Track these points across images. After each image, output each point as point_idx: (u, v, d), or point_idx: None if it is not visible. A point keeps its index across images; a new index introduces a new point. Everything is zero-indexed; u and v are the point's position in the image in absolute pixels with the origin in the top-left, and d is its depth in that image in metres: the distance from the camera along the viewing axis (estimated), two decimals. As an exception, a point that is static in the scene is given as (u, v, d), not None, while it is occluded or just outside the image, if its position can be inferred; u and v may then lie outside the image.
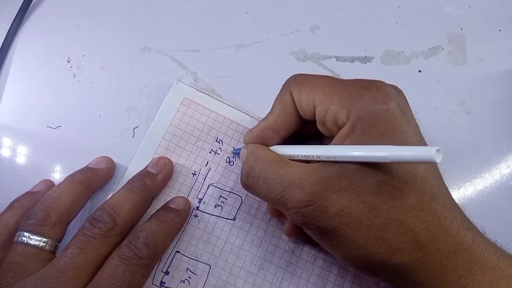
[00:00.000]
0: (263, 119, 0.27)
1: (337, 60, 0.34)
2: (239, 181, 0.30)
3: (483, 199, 0.32)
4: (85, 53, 0.33)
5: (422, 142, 0.22)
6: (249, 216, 0.30)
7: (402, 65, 0.35)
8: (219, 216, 0.30)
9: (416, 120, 0.23)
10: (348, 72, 0.34)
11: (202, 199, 0.30)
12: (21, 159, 0.31)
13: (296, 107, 0.25)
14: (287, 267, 0.29)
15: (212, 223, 0.30)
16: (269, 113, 0.26)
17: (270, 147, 0.26)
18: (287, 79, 0.26)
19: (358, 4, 0.36)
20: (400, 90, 0.23)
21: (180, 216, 0.28)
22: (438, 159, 0.17)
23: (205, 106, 0.31)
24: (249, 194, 0.30)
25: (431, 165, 0.21)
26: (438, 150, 0.17)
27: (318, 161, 0.23)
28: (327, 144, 0.26)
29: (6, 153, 0.31)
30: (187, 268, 0.29)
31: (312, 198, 0.20)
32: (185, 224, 0.29)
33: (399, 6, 0.36)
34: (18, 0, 0.33)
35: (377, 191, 0.20)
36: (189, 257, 0.29)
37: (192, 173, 0.30)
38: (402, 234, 0.20)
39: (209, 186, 0.30)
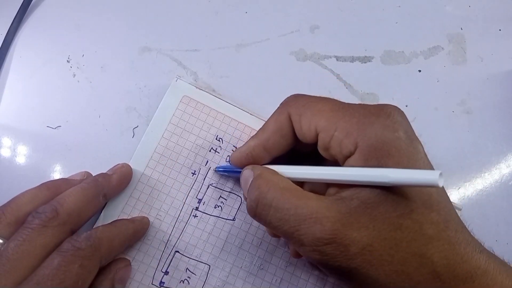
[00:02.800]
0: (253, 137, 0.25)
1: (337, 60, 0.34)
2: (239, 181, 0.30)
3: (483, 199, 0.32)
4: (85, 53, 0.33)
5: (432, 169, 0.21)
6: (248, 216, 0.30)
7: (402, 65, 0.35)
8: (218, 217, 0.30)
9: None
10: (348, 72, 0.34)
11: (201, 199, 0.30)
12: (21, 159, 0.31)
13: (292, 130, 0.24)
14: (286, 267, 0.29)
15: (211, 223, 0.30)
16: (260, 130, 0.25)
17: (270, 167, 0.25)
18: (286, 98, 0.25)
19: (358, 4, 0.36)
20: (402, 112, 0.22)
21: (133, 224, 0.28)
22: (441, 183, 0.17)
23: (205, 103, 0.31)
24: (249, 194, 0.30)
25: (443, 192, 0.21)
26: (441, 174, 0.17)
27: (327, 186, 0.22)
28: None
29: (6, 153, 0.31)
30: (187, 268, 0.29)
31: (332, 236, 0.19)
32: (178, 231, 0.29)
33: (399, 6, 0.36)
34: (18, 0, 0.33)
35: (397, 226, 0.19)
36: (188, 257, 0.29)
37: (192, 172, 0.30)
38: (423, 266, 0.19)
39: (208, 186, 0.30)
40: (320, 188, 0.24)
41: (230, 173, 0.29)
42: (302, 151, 0.26)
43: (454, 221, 0.20)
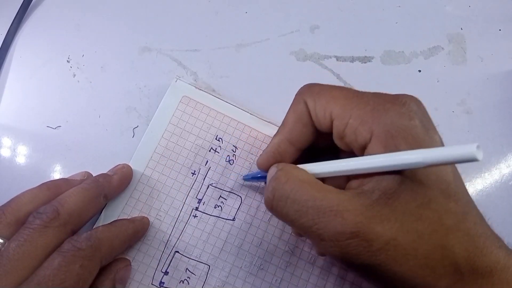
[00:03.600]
0: (275, 135, 0.25)
1: (337, 60, 0.34)
2: (239, 180, 0.30)
3: (483, 199, 0.32)
4: (85, 53, 0.33)
5: None
6: (248, 216, 0.30)
7: (402, 65, 0.35)
8: (218, 217, 0.30)
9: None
10: (348, 72, 0.34)
11: (201, 199, 0.30)
12: (21, 159, 0.31)
13: (311, 117, 0.24)
14: (286, 267, 0.29)
15: (211, 223, 0.30)
16: (281, 126, 0.25)
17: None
18: (300, 88, 0.25)
19: (358, 4, 0.36)
20: (420, 102, 0.22)
21: (133, 224, 0.28)
22: (479, 156, 0.16)
23: (204, 103, 0.31)
24: (249, 194, 0.30)
25: (461, 183, 0.20)
26: (478, 147, 0.16)
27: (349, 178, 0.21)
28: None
29: (6, 153, 0.31)
30: (186, 268, 0.29)
31: (354, 230, 0.19)
32: (178, 231, 0.29)
33: (399, 6, 0.36)
34: (18, 0, 0.33)
35: (418, 217, 0.19)
36: (188, 257, 0.29)
37: (192, 173, 0.30)
38: (445, 259, 0.19)
39: (208, 186, 0.30)
40: (342, 184, 0.23)
41: (259, 179, 0.28)
42: (322, 146, 0.25)
43: (473, 213, 0.20)
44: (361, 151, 0.21)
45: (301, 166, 0.23)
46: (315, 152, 0.26)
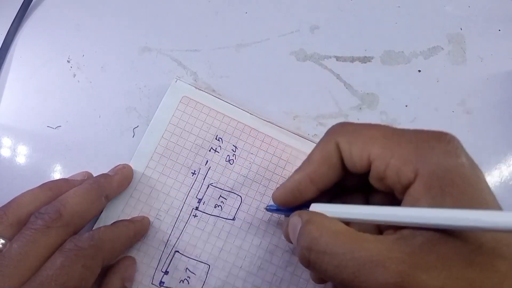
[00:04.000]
0: (297, 170, 0.24)
1: (337, 60, 0.34)
2: (239, 180, 0.30)
3: (483, 199, 0.32)
4: (85, 53, 0.33)
5: (496, 200, 0.19)
6: (248, 216, 0.30)
7: (402, 65, 0.35)
8: (218, 216, 0.30)
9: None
10: (348, 72, 0.34)
11: (201, 199, 0.30)
12: (21, 159, 0.31)
13: (340, 160, 0.22)
14: (286, 267, 0.29)
15: (211, 223, 0.30)
16: (305, 162, 0.24)
17: (318, 208, 0.23)
18: (332, 126, 0.24)
19: (358, 4, 0.36)
20: (459, 140, 0.21)
21: (134, 224, 0.28)
22: None
23: (204, 104, 0.31)
24: (249, 194, 0.30)
25: None
26: None
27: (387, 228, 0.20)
28: (378, 201, 0.23)
29: (6, 153, 0.31)
30: (186, 268, 0.29)
31: (399, 280, 0.17)
32: (178, 231, 0.29)
33: (399, 6, 0.36)
34: (18, 0, 0.33)
35: (469, 263, 0.17)
36: (188, 257, 0.29)
37: (192, 172, 0.30)
38: None
39: (208, 186, 0.30)
40: (371, 228, 0.22)
41: (284, 213, 0.28)
42: (348, 185, 0.24)
43: None
44: (403, 192, 0.20)
45: (333, 207, 0.22)
46: (337, 189, 0.25)
